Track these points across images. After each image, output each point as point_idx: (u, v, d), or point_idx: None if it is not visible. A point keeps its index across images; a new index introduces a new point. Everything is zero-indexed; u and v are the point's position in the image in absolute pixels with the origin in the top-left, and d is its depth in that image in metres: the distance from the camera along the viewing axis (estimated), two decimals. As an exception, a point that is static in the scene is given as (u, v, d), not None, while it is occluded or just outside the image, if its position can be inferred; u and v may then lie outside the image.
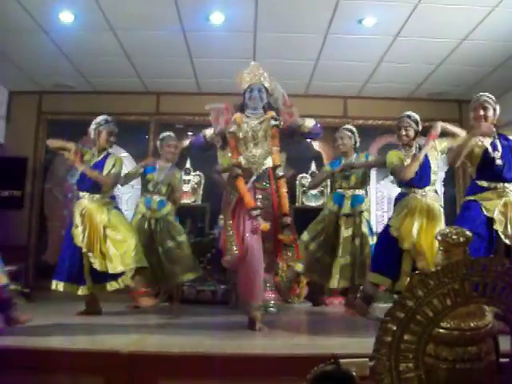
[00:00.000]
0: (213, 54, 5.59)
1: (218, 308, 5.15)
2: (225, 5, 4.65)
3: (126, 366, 2.64)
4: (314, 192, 6.56)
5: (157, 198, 5.05)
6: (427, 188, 4.11)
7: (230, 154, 3.85)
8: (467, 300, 1.27)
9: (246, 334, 3.59)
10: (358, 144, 4.95)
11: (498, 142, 3.62)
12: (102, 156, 4.40)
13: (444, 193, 6.71)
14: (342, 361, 1.51)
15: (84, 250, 4.15)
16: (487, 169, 3.59)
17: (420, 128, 4.25)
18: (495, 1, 4.37)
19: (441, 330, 1.31)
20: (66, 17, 4.77)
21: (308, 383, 1.49)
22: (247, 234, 3.48)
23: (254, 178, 3.66)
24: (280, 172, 3.74)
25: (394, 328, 1.25)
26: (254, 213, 3.51)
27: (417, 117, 4.23)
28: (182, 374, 2.64)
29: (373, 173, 6.09)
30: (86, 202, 4.32)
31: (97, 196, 4.36)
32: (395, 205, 4.28)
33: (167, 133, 5.31)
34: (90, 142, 4.53)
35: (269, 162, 3.72)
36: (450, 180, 6.82)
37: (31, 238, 6.58)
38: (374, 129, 6.86)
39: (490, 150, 3.57)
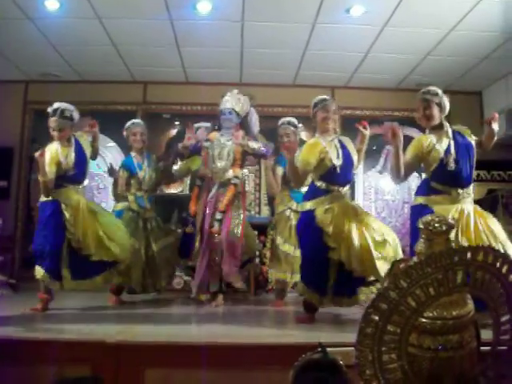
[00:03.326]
0: (200, 44, 5.54)
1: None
2: (212, -7, 4.63)
3: (113, 355, 2.65)
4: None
5: (145, 195, 4.91)
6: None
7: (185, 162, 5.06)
8: (450, 290, 1.28)
9: (234, 323, 3.62)
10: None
11: (452, 143, 3.47)
12: None
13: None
14: (328, 349, 1.53)
15: (77, 244, 4.02)
16: (443, 173, 3.45)
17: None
18: (482, -9, 4.38)
19: (423, 320, 1.32)
20: (52, 4, 4.69)
21: (295, 371, 1.50)
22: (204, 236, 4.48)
23: (216, 186, 4.56)
24: (233, 181, 4.56)
25: (377, 319, 1.26)
26: (190, 219, 4.60)
27: None
28: (170, 363, 2.66)
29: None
30: (72, 192, 4.17)
31: (79, 187, 4.26)
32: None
33: (132, 120, 5.09)
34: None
35: (229, 174, 4.55)
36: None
37: (18, 229, 6.52)
38: (362, 119, 6.85)
39: (442, 156, 3.43)
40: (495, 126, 3.48)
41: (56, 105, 4.19)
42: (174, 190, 6.40)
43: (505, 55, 5.52)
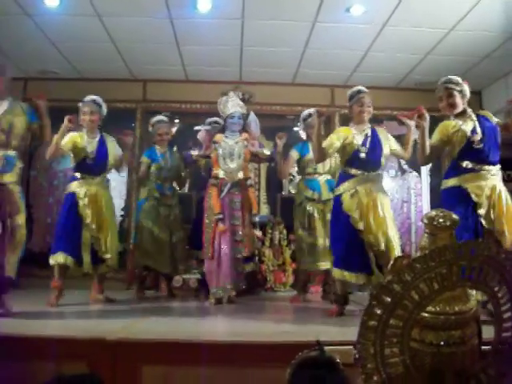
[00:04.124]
0: (200, 42, 5.52)
1: (203, 295, 5.16)
2: (212, -9, 4.61)
3: (110, 352, 2.64)
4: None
5: (167, 184, 5.17)
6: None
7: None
8: (454, 284, 1.27)
9: (233, 321, 3.61)
10: None
11: (477, 125, 3.57)
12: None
13: (430, 182, 6.75)
14: (326, 348, 1.52)
15: (93, 233, 4.29)
16: (471, 152, 3.54)
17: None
18: (483, -9, 4.37)
19: (426, 315, 1.32)
20: (51, 1, 4.65)
21: (292, 369, 1.49)
22: (216, 237, 4.54)
23: (228, 186, 4.68)
24: (249, 182, 4.84)
25: (380, 313, 1.25)
26: (218, 216, 4.55)
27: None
28: (168, 360, 2.64)
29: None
30: (89, 183, 4.39)
31: (98, 179, 4.47)
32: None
33: (157, 118, 5.34)
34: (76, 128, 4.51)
35: (241, 175, 4.73)
36: (435, 170, 6.84)
37: (15, 226, 6.49)
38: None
39: (469, 135, 3.53)
40: None
41: (87, 97, 4.64)
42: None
43: (505, 54, 5.52)
